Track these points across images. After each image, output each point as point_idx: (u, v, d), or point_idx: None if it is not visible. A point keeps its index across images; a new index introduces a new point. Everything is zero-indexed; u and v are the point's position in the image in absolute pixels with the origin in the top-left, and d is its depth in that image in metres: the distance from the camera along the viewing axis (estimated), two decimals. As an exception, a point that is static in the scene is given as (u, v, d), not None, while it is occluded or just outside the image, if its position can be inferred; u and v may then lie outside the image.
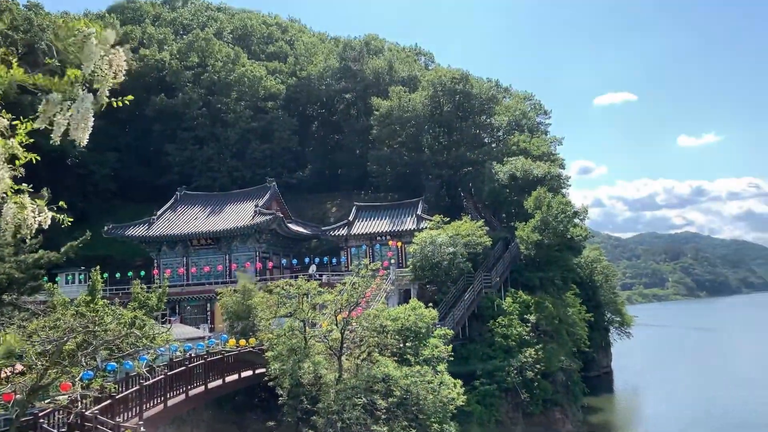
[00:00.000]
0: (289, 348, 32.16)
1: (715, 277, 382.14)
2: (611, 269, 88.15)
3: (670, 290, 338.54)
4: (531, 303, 46.91)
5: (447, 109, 64.19)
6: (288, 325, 33.36)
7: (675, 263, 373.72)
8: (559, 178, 64.43)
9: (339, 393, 30.35)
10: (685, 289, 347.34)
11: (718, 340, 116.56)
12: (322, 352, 33.07)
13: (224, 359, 31.05)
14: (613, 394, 63.92)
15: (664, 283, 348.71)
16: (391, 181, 67.48)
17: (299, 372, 31.64)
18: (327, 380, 31.47)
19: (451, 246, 46.75)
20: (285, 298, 34.40)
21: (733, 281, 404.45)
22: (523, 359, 41.75)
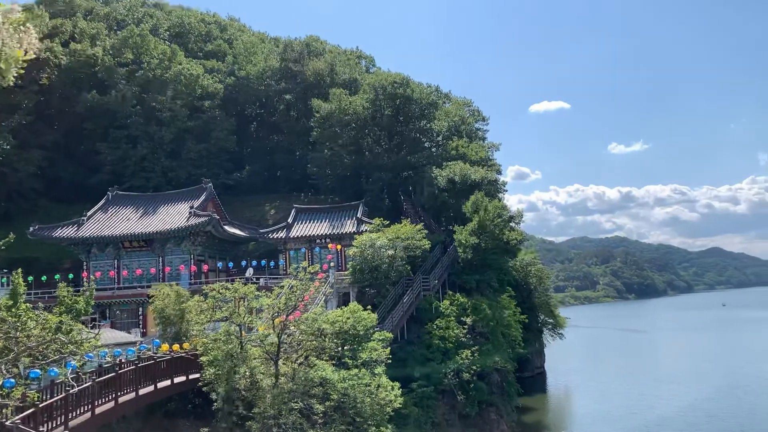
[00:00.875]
0: (224, 353, 31.51)
1: (642, 280, 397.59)
2: (545, 272, 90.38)
3: (601, 292, 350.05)
4: (468, 305, 47.56)
5: (388, 112, 64.47)
6: (224, 329, 32.69)
7: (605, 266, 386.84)
8: (496, 183, 65.73)
9: (275, 398, 29.97)
10: (615, 291, 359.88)
11: (646, 340, 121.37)
12: (258, 356, 32.57)
13: (156, 365, 30.10)
14: (546, 394, 65.57)
15: (595, 285, 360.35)
16: (332, 184, 67.23)
17: (235, 377, 31.08)
18: (263, 385, 31.03)
19: (390, 249, 46.96)
20: (220, 301, 33.70)
21: (660, 284, 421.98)
22: (460, 361, 42.30)
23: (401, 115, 64.63)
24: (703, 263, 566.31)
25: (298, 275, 35.22)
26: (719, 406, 53.81)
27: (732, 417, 49.41)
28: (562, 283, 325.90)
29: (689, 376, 71.59)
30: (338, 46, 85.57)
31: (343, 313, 36.99)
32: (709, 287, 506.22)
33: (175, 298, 38.89)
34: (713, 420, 48.88)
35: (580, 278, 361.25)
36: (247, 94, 77.53)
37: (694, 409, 52.76)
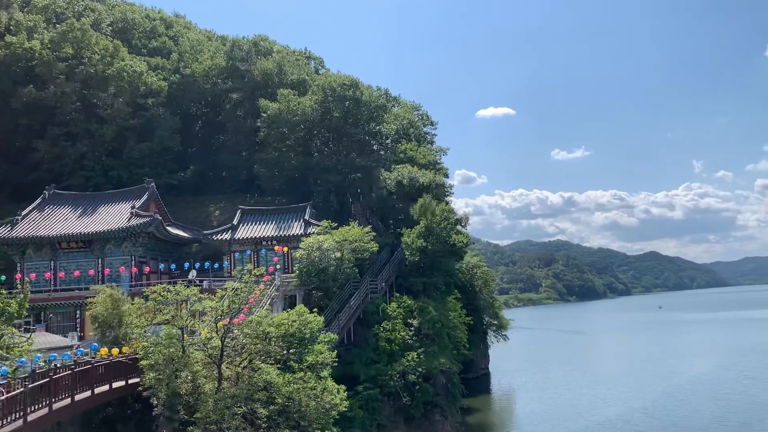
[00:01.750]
0: (165, 357, 30.76)
1: (583, 283, 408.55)
2: (490, 275, 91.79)
3: (543, 295, 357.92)
4: (415, 307, 47.84)
5: (337, 114, 64.28)
6: (165, 333, 31.91)
7: (548, 269, 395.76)
8: (444, 187, 66.37)
9: (218, 402, 29.46)
10: (557, 293, 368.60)
11: (586, 342, 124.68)
12: (201, 360, 31.93)
13: (94, 369, 29.11)
14: (491, 395, 66.55)
15: (538, 288, 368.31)
16: (279, 185, 66.51)
17: (176, 381, 30.41)
18: (206, 389, 30.46)
19: (338, 251, 46.83)
20: (162, 304, 32.89)
21: (599, 287, 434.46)
22: (406, 363, 42.51)
23: (350, 117, 64.53)
24: (640, 267, 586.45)
25: (242, 278, 34.70)
26: (655, 405, 55.69)
27: (667, 416, 51.21)
28: (507, 286, 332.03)
29: (627, 376, 73.91)
30: (287, 47, 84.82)
31: (289, 315, 36.63)
32: (646, 290, 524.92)
33: (114, 300, 37.81)
34: (650, 419, 50.55)
35: (523, 281, 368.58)
36: (193, 93, 76.01)
37: (631, 409, 54.46)
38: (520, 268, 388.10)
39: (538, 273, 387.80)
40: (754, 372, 70.36)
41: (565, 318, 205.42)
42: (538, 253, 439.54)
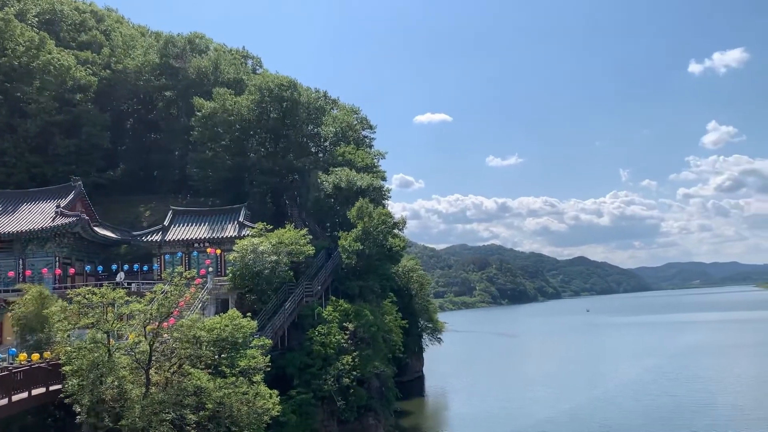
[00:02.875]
0: (89, 362, 29.54)
1: (515, 287, 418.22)
2: (426, 278, 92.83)
3: (477, 298, 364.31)
4: (351, 311, 47.72)
5: (274, 115, 63.47)
6: (90, 337, 30.62)
7: (482, 273, 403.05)
8: (381, 190, 66.53)
9: (145, 408, 28.52)
10: (490, 297, 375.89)
11: (517, 344, 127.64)
12: (128, 365, 30.82)
13: (11, 376, 27.64)
14: (424, 398, 67.18)
15: (472, 291, 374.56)
16: (213, 186, 65.04)
17: (101, 387, 29.26)
18: (132, 395, 29.42)
19: (273, 254, 46.14)
20: (87, 307, 31.53)
21: (531, 290, 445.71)
22: (341, 367, 42.33)
23: (288, 118, 63.84)
24: (569, 271, 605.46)
25: (173, 280, 33.76)
26: (582, 406, 57.51)
27: (593, 417, 52.96)
28: (442, 289, 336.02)
29: (556, 378, 76.03)
30: (224, 45, 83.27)
31: (222, 319, 35.94)
32: (575, 293, 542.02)
33: (42, 299, 36.08)
34: (577, 420, 52.14)
35: (458, 284, 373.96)
36: (124, 89, 73.49)
37: (560, 411, 56.02)
38: (455, 272, 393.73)
39: (473, 277, 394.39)
40: (675, 373, 73.63)
41: (498, 321, 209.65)
42: (472, 257, 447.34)
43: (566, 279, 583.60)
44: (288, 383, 40.93)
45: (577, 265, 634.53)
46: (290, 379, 41.63)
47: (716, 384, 65.07)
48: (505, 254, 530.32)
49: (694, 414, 51.67)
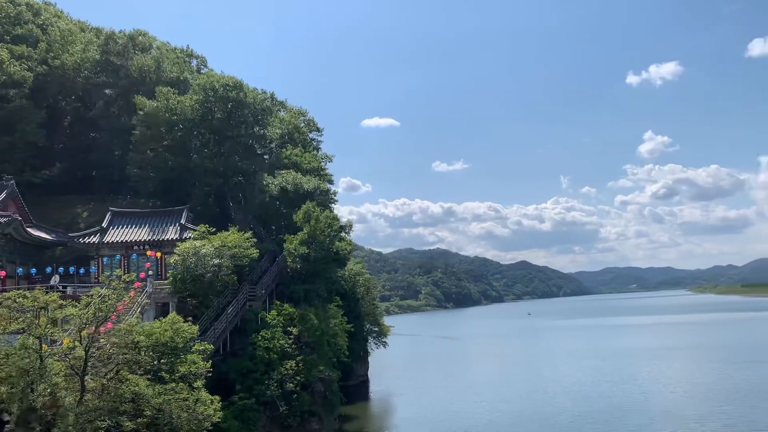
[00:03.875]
0: (19, 368, 28.26)
1: (460, 290, 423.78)
2: (372, 282, 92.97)
3: (423, 302, 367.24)
4: (296, 315, 47.36)
5: (219, 115, 62.36)
6: (20, 342, 29.31)
7: (427, 277, 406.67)
8: (328, 194, 66.32)
9: (80, 416, 27.52)
10: (435, 300, 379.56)
11: (461, 347, 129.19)
12: (62, 371, 29.65)
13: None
14: (369, 402, 67.17)
15: (418, 295, 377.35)
16: (154, 187, 63.40)
17: (32, 395, 28.06)
18: (66, 403, 28.34)
19: (216, 258, 45.27)
20: (17, 311, 30.18)
21: (475, 294, 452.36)
22: (284, 372, 41.90)
23: (233, 119, 62.82)
24: (512, 275, 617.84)
25: (111, 284, 32.71)
26: (523, 408, 58.60)
27: (533, 418, 54.00)
28: (388, 293, 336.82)
29: (498, 380, 77.33)
30: (167, 43, 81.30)
31: (161, 324, 35.04)
32: (517, 297, 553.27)
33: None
34: (517, 421, 53.10)
35: (404, 288, 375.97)
36: (62, 86, 70.88)
37: (501, 412, 56.98)
38: (402, 276, 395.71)
39: (419, 280, 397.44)
40: (612, 375, 75.85)
41: (443, 324, 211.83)
42: (418, 261, 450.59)
43: (509, 283, 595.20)
44: (230, 389, 40.26)
45: (520, 269, 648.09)
46: (232, 384, 40.96)
47: (651, 385, 67.35)
48: (451, 258, 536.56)
49: (629, 414, 53.34)
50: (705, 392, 61.29)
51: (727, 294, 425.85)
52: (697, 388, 64.40)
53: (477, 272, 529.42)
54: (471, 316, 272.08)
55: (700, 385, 66.13)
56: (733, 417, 50.27)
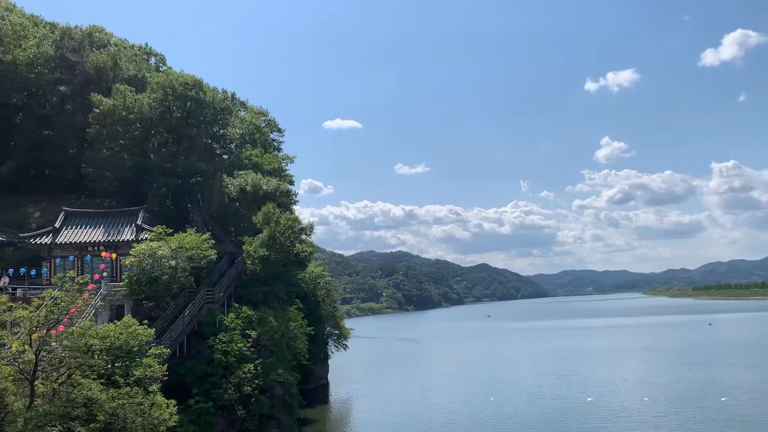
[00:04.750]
0: (-36, 373, 27.30)
1: (421, 293, 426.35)
2: (333, 284, 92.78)
3: (384, 304, 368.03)
4: (254, 318, 46.82)
5: (178, 114, 61.34)
6: (-34, 346, 28.34)
7: (389, 279, 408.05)
8: (289, 195, 65.80)
9: (29, 422, 26.73)
10: (396, 303, 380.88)
11: (421, 349, 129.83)
12: (10, 375, 28.70)
13: None
14: (329, 405, 66.86)
15: (379, 297, 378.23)
16: (110, 187, 61.90)
17: (-22, 401, 27.07)
18: (15, 408, 27.44)
19: (173, 259, 44.52)
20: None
21: (436, 296, 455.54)
22: (242, 375, 41.41)
23: (192, 118, 61.88)
24: (472, 277, 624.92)
25: (64, 286, 31.84)
26: (481, 409, 59.16)
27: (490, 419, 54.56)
28: (349, 296, 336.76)
29: (457, 382, 77.86)
30: (125, 40, 79.64)
31: (116, 327, 34.30)
32: (477, 299, 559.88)
33: None
34: (475, 422, 53.54)
35: (365, 290, 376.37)
36: (13, 82, 68.59)
37: (459, 414, 57.40)
38: (363, 278, 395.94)
39: (380, 283, 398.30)
40: (569, 376, 77.15)
41: (404, 327, 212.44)
42: (380, 264, 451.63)
43: (469, 285, 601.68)
44: (187, 392, 39.57)
45: (480, 272, 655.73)
46: (189, 388, 40.26)
47: (606, 386, 68.72)
48: (412, 261, 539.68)
49: (585, 415, 54.32)
50: (658, 393, 62.85)
51: (679, 297, 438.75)
52: (651, 388, 65.98)
53: (438, 275, 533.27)
54: (431, 319, 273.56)
55: (653, 385, 67.80)
56: (685, 417, 51.70)
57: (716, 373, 73.16)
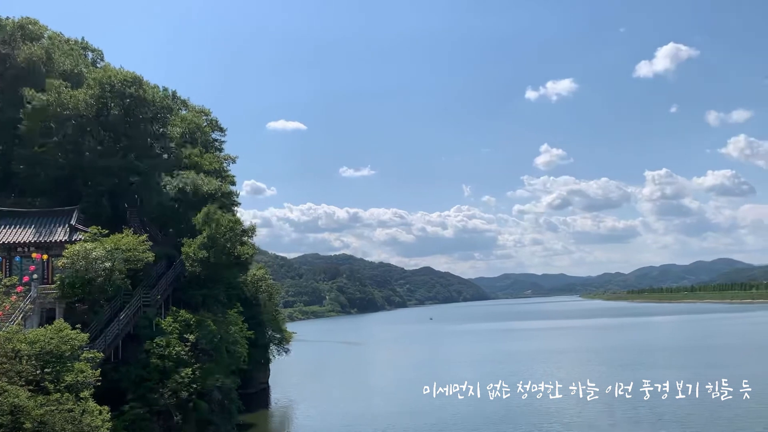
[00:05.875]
0: None
1: (364, 296, 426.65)
2: (275, 288, 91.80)
3: (327, 307, 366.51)
4: (193, 322, 45.92)
5: (116, 112, 59.45)
6: None
7: (332, 282, 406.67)
8: (230, 196, 64.79)
9: (-51, 433, 25.38)
10: (340, 306, 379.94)
11: (363, 352, 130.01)
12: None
13: None
14: (269, 409, 66.13)
15: (323, 300, 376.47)
16: (42, 186, 59.39)
17: None
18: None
19: (108, 261, 43.14)
20: None
21: (379, 299, 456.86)
22: (179, 380, 40.51)
23: (131, 116, 60.10)
24: (416, 281, 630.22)
25: (-10, 288, 30.47)
26: (421, 411, 59.45)
27: (428, 422, 55.02)
28: (292, 299, 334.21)
29: (399, 384, 78.22)
30: (60, 34, 76.77)
31: (46, 331, 33.04)
32: (420, 302, 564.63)
33: None
34: (414, 426, 53.93)
35: (308, 293, 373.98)
36: (-62, 73, 65.34)
37: (400, 417, 57.63)
38: (306, 281, 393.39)
39: (323, 286, 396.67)
40: (507, 378, 78.32)
41: (347, 330, 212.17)
42: (324, 267, 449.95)
43: (412, 288, 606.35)
44: (121, 398, 38.48)
45: (423, 275, 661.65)
46: (124, 393, 39.17)
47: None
48: (356, 264, 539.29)
49: (522, 415, 55.48)
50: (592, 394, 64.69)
51: (614, 300, 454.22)
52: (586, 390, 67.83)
53: (382, 278, 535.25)
54: (374, 322, 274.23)
55: (588, 387, 69.69)
56: (618, 417, 53.46)
57: (647, 374, 75.93)
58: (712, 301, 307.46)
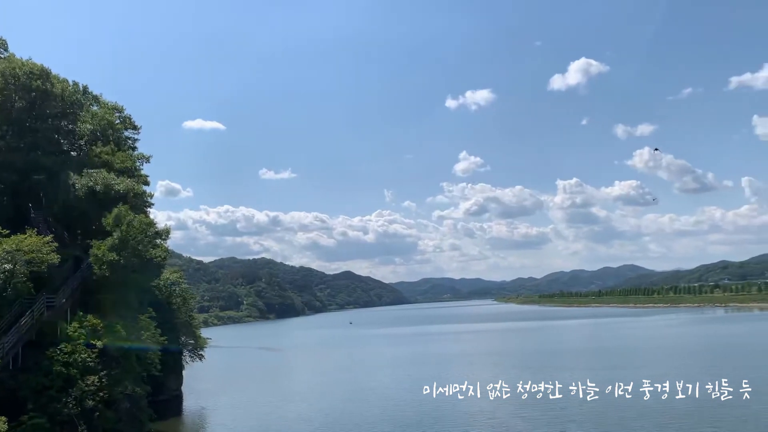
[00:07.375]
0: None
1: (283, 300, 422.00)
2: (190, 292, 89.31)
3: (244, 312, 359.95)
4: (101, 327, 43.99)
5: (20, 105, 56.40)
6: None
7: (250, 287, 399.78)
8: (143, 197, 62.51)
9: None
10: (258, 311, 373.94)
11: (281, 358, 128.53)
12: None
13: None
14: (182, 417, 64.16)
15: (240, 305, 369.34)
16: (-64, 182, 55.64)
17: None
18: None
19: (8, 263, 40.84)
20: None
21: (299, 304, 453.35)
22: (85, 387, 38.70)
23: (37, 110, 57.17)
24: (336, 285, 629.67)
25: None
26: (339, 416, 59.51)
27: (346, 427, 55.05)
28: (207, 303, 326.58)
29: (316, 390, 77.78)
30: (-41, 20, 72.10)
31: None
32: (340, 307, 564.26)
33: None
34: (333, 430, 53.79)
35: (225, 298, 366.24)
36: None
37: (317, 423, 57.29)
38: (223, 286, 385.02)
39: (241, 291, 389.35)
40: (425, 381, 79.59)
41: (264, 335, 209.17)
42: (242, 271, 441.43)
43: (333, 292, 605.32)
44: (20, 408, 36.34)
45: (344, 279, 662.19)
46: (24, 403, 37.02)
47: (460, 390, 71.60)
48: (276, 268, 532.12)
49: (441, 418, 56.43)
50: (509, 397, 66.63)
51: (526, 303, 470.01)
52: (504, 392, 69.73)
53: (302, 282, 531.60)
54: (293, 327, 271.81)
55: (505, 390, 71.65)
56: (531, 419, 55.29)
57: (558, 375, 78.97)
58: (617, 305, 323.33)
